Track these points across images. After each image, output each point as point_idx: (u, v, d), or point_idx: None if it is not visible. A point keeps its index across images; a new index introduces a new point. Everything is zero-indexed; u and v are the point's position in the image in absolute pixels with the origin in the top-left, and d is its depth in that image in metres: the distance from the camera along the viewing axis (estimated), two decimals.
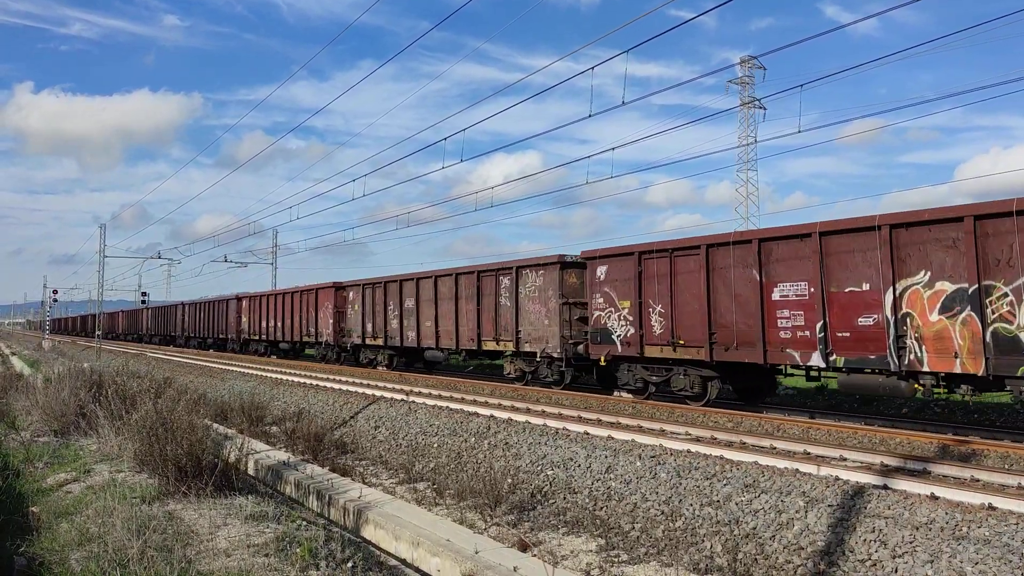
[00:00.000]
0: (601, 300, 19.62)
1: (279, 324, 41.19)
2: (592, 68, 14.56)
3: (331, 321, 34.77)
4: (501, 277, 23.56)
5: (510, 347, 22.99)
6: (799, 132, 15.13)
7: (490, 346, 24.00)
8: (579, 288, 21.11)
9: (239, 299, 47.61)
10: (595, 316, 19.85)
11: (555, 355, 21.18)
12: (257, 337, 44.22)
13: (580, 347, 20.77)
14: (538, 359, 21.94)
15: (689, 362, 17.52)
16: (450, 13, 14.10)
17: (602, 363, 19.73)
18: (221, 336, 50.69)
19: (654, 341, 18.11)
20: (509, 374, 23.51)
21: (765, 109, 61.70)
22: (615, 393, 19.81)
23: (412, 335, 28.32)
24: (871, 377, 14.11)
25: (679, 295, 17.50)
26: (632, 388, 19.20)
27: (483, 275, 24.39)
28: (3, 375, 28.08)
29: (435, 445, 15.56)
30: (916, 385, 13.37)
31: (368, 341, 31.84)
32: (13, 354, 60.93)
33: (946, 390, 13.42)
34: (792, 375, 16.57)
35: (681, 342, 17.39)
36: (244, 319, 46.50)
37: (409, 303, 28.66)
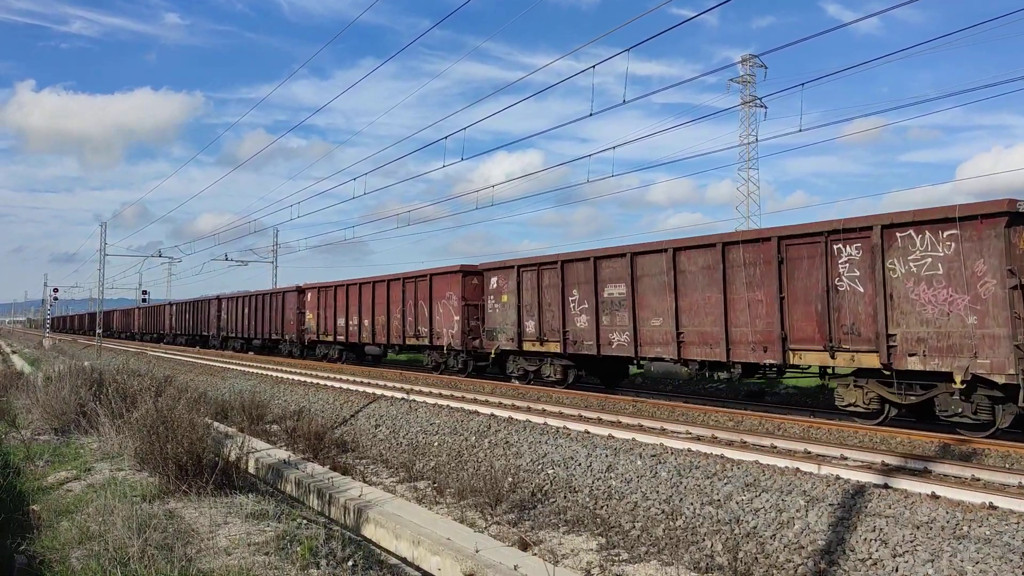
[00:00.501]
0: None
1: (366, 322, 32.77)
2: (593, 66, 14.55)
3: (457, 318, 26.22)
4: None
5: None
6: (800, 131, 15.12)
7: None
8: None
9: (302, 291, 39.78)
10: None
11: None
12: (330, 338, 36.40)
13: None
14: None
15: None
16: (451, 11, 14.10)
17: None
18: (275, 336, 42.79)
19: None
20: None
21: (766, 108, 61.67)
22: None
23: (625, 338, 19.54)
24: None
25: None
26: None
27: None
28: (4, 373, 28.11)
29: (435, 444, 15.56)
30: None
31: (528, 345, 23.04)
32: (14, 352, 60.99)
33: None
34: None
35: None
36: (310, 315, 38.63)
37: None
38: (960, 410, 12.93)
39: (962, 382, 12.49)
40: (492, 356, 24.28)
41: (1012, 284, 11.97)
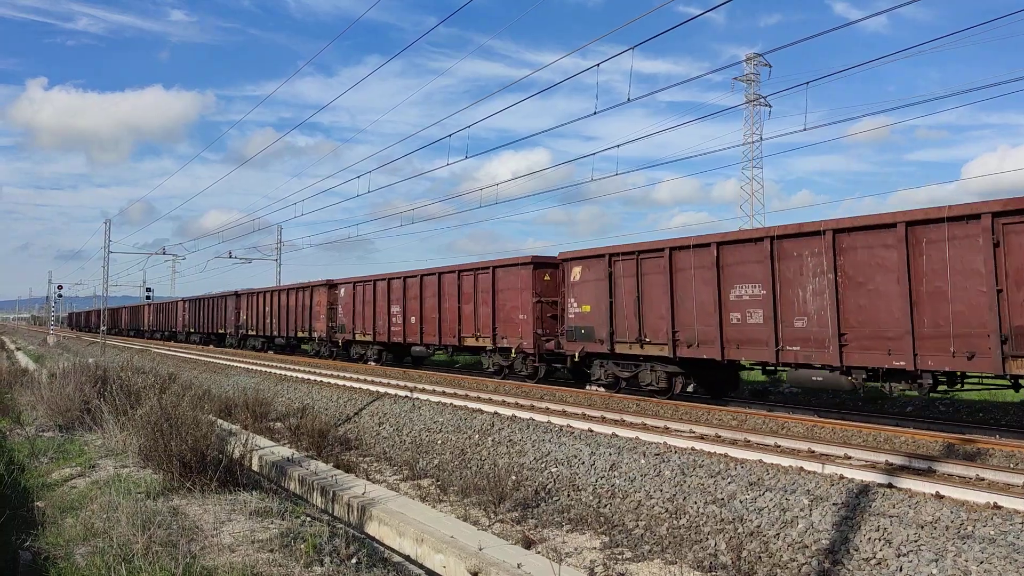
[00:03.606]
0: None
1: (412, 320, 29.27)
2: (598, 64, 14.53)
3: (526, 316, 22.94)
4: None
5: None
6: (805, 130, 15.07)
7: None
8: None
9: (333, 285, 34.87)
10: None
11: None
12: (368, 337, 32.15)
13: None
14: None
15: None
16: (456, 9, 14.08)
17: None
18: (300, 334, 38.41)
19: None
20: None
21: (771, 106, 61.60)
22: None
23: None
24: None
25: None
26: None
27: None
28: (8, 370, 28.18)
29: (439, 442, 15.57)
30: None
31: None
32: (18, 349, 61.11)
33: None
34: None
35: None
36: (343, 312, 33.82)
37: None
38: None
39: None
40: (574, 359, 20.97)
41: None
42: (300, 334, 38.39)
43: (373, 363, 31.99)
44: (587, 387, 20.77)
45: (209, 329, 53.66)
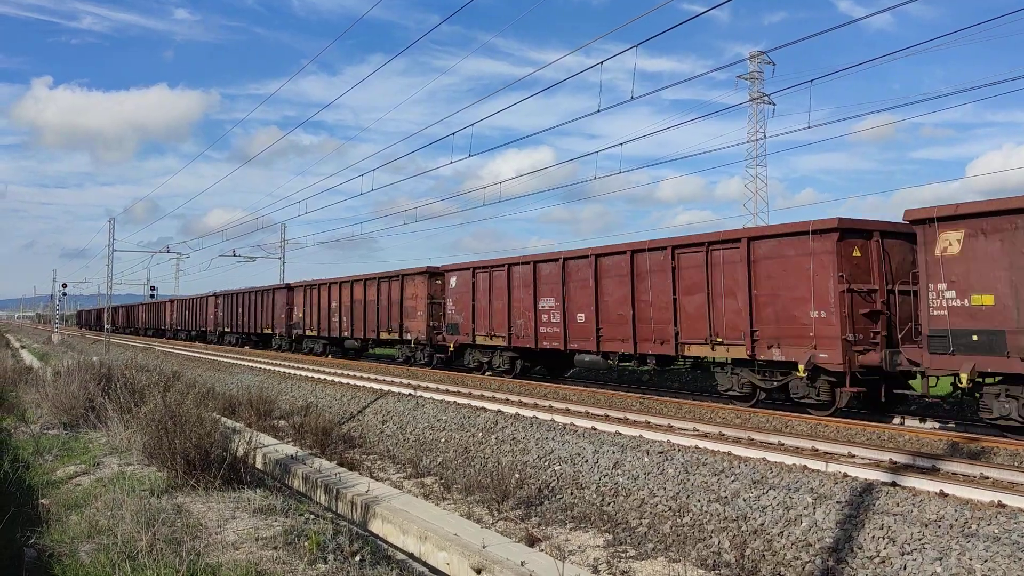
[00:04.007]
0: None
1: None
2: (601, 63, 14.50)
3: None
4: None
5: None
6: (808, 128, 15.04)
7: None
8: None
9: (564, 258, 21.74)
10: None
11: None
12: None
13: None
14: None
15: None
16: (460, 7, 14.06)
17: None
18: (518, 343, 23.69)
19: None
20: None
21: (774, 105, 61.47)
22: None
23: None
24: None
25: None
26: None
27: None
28: (13, 368, 28.25)
29: (443, 440, 15.58)
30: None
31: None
32: (23, 347, 61.25)
33: None
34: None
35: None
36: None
37: None
38: None
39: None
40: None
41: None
42: (384, 335, 31.36)
43: (504, 376, 24.15)
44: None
45: (249, 328, 46.44)
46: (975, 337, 12.47)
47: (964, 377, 12.60)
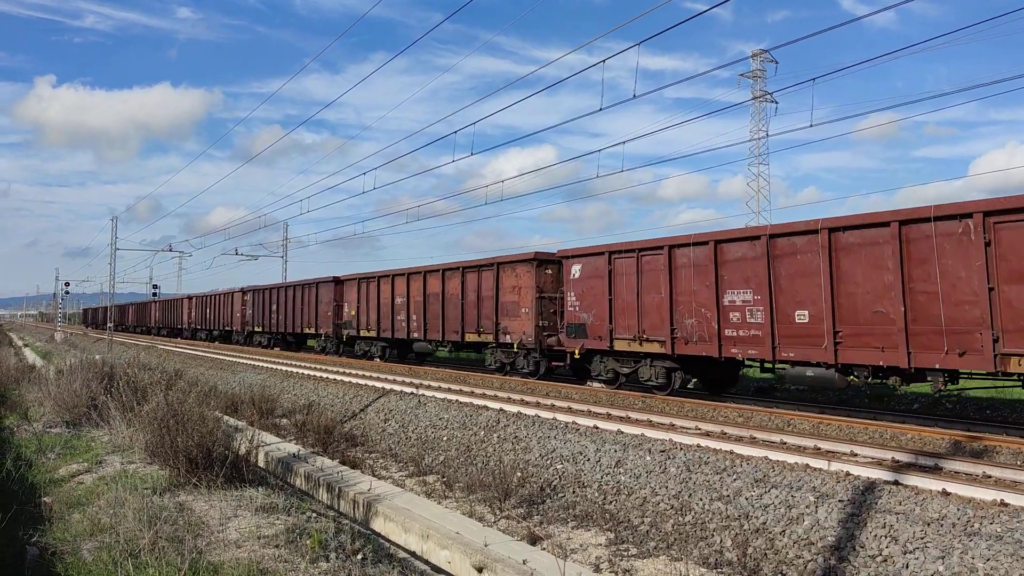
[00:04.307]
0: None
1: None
2: (604, 61, 14.49)
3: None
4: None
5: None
6: (811, 126, 14.98)
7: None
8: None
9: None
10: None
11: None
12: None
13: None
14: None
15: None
16: (462, 5, 14.06)
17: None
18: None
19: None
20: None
21: (777, 103, 61.47)
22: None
23: None
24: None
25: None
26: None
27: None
28: (16, 366, 28.29)
29: (445, 438, 15.58)
30: None
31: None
32: (26, 346, 61.35)
33: None
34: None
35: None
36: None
37: None
38: None
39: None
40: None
41: None
42: (472, 336, 25.76)
43: (656, 392, 18.98)
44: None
45: (285, 328, 41.61)
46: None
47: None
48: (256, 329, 45.96)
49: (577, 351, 21.04)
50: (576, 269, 21.23)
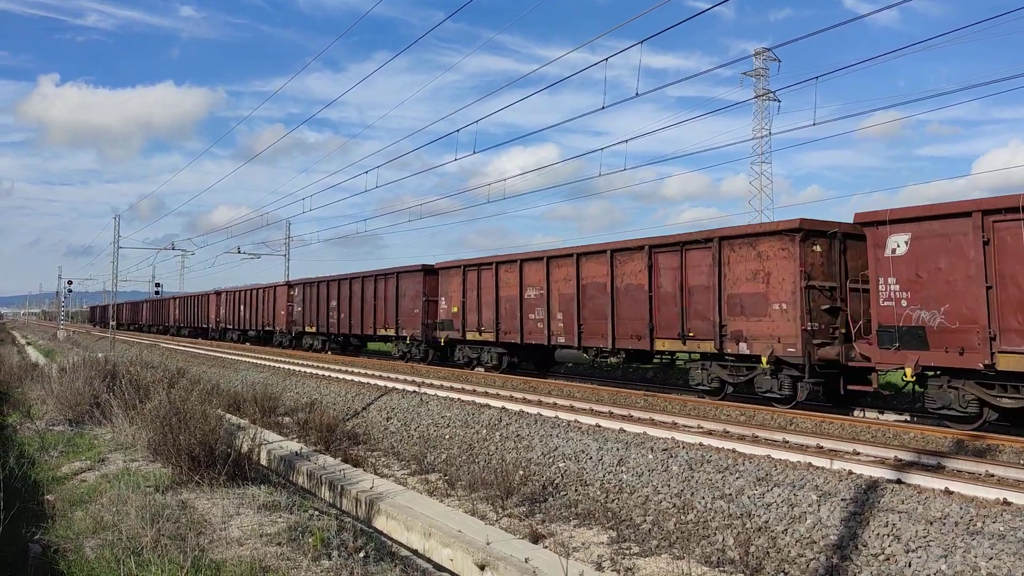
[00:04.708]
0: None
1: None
2: (606, 59, 14.47)
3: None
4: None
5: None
6: (814, 124, 14.97)
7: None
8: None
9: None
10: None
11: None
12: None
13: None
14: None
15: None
16: (464, 3, 14.04)
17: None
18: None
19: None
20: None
21: (779, 101, 61.43)
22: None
23: None
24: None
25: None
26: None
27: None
28: (19, 364, 28.33)
29: (447, 436, 15.59)
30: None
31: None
32: (29, 344, 61.43)
33: None
34: None
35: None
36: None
37: None
38: None
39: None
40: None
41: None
42: (667, 343, 18.47)
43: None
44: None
45: (349, 328, 34.85)
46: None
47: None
48: (307, 329, 39.12)
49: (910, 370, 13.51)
50: (900, 241, 13.79)
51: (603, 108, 16.13)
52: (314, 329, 38.62)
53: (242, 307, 48.85)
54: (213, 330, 54.89)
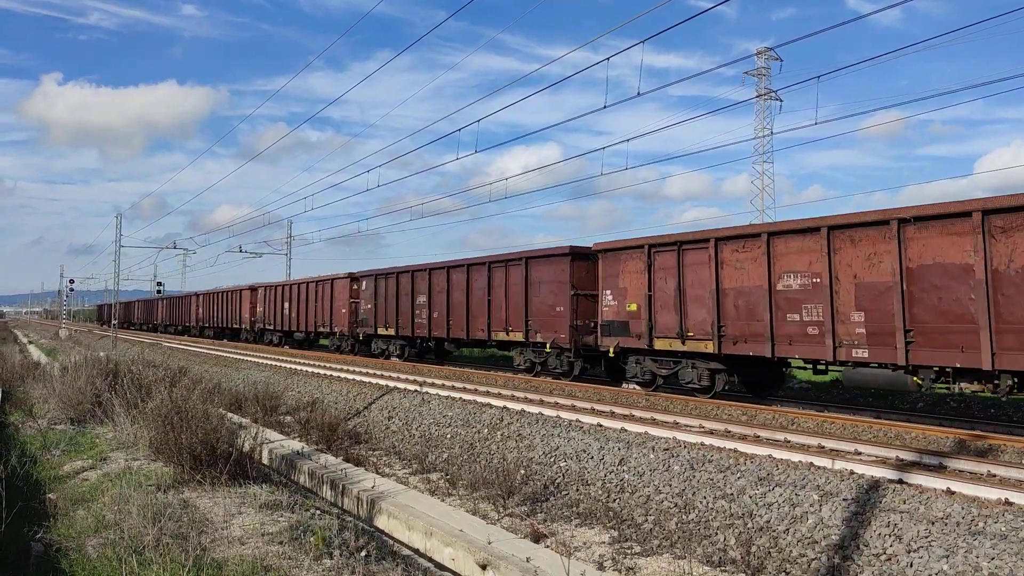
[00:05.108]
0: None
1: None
2: (608, 58, 14.47)
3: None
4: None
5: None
6: (816, 124, 14.92)
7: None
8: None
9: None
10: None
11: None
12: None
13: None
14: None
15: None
16: (466, 2, 14.04)
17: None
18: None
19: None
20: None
21: (781, 101, 61.39)
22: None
23: None
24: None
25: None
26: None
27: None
28: (21, 363, 28.37)
29: (448, 436, 15.59)
30: None
31: None
32: (31, 343, 61.50)
33: None
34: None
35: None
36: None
37: None
38: None
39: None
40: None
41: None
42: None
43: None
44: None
45: (447, 330, 27.22)
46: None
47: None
48: (381, 331, 32.00)
49: None
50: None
51: (605, 107, 16.15)
52: (391, 331, 31.14)
53: (286, 304, 41.67)
54: (247, 331, 48.05)
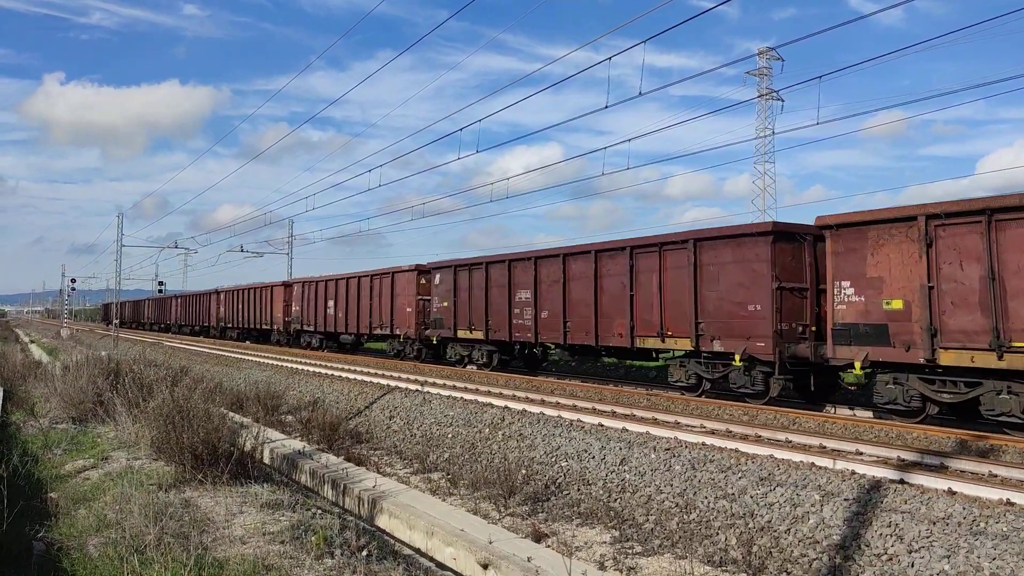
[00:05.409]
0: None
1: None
2: (610, 58, 14.47)
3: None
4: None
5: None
6: (817, 124, 14.90)
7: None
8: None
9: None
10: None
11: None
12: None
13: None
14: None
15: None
16: (468, 2, 14.03)
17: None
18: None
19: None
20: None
21: (783, 101, 61.33)
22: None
23: None
24: None
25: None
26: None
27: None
28: (22, 362, 28.38)
29: (449, 435, 15.59)
30: None
31: None
32: (32, 342, 61.53)
33: None
34: None
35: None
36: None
37: None
38: None
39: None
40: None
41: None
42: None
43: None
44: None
45: (597, 332, 20.25)
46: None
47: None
48: (462, 334, 26.41)
49: None
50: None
51: (606, 107, 16.13)
52: (478, 334, 25.46)
53: (331, 303, 36.56)
54: (280, 332, 43.12)
